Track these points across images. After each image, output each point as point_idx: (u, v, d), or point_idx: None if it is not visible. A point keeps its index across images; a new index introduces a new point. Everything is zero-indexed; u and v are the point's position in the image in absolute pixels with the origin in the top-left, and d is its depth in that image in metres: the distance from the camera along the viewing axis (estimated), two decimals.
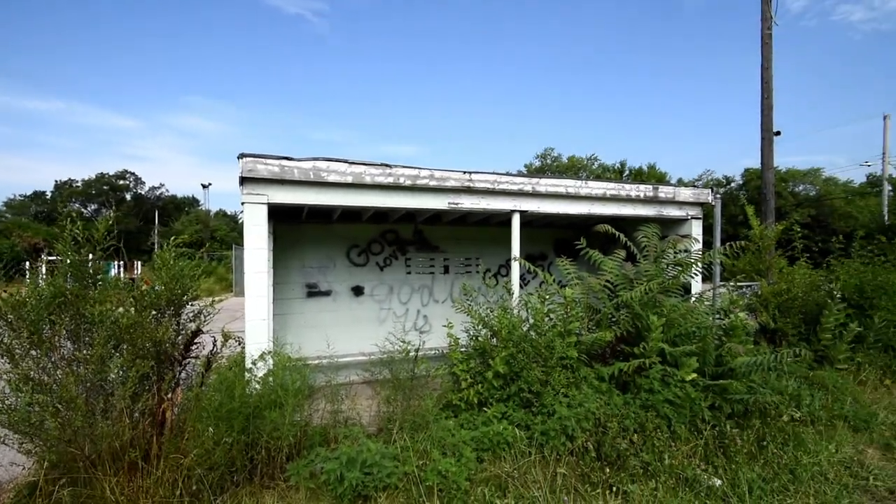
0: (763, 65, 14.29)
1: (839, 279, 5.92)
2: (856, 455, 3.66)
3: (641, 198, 5.64)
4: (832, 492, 3.07)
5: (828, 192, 33.56)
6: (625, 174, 40.14)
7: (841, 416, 4.31)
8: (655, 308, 4.36)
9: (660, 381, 3.93)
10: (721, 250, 5.07)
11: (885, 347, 5.76)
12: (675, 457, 3.39)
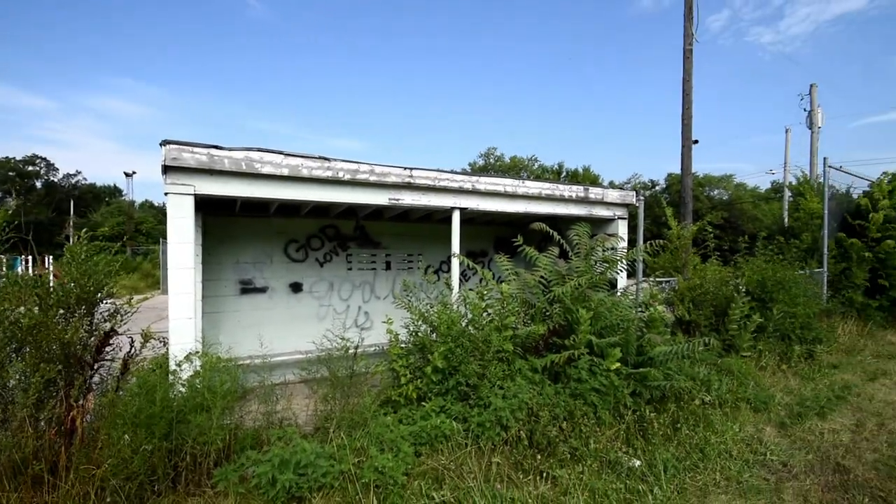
0: (684, 77, 15.30)
1: (744, 275, 6.52)
2: (756, 433, 4.04)
3: (574, 198, 5.89)
4: (735, 467, 3.37)
5: (738, 196, 36.75)
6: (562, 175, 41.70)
7: (744, 399, 4.74)
8: (584, 302, 4.58)
9: (587, 371, 4.14)
10: (643, 248, 5.41)
11: (782, 336, 6.41)
12: (600, 441, 3.59)
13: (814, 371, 5.85)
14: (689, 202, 15.07)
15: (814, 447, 3.72)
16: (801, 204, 10.49)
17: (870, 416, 4.41)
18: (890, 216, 9.19)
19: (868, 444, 3.78)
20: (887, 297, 9.06)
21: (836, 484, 3.17)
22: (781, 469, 3.40)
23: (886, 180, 9.59)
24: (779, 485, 3.15)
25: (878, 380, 5.66)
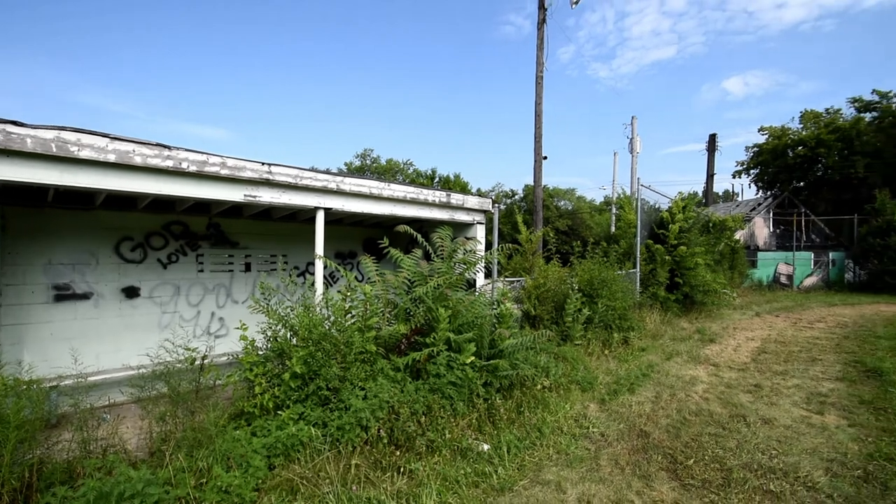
0: (536, 101, 16.93)
1: (577, 275, 7.48)
2: (582, 410, 4.65)
3: (437, 202, 6.12)
4: (565, 441, 3.84)
5: (579, 207, 41.87)
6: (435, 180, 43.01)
7: (575, 381, 5.42)
8: (444, 301, 4.79)
9: (445, 366, 4.33)
10: (498, 251, 5.86)
11: (605, 326, 7.50)
12: (455, 431, 3.79)
13: (628, 354, 6.94)
14: (540, 211, 16.75)
15: (624, 418, 4.41)
16: (621, 215, 12.39)
17: (665, 389, 5.38)
18: (683, 227, 11.35)
19: (663, 412, 4.61)
20: (681, 292, 11.15)
21: (640, 446, 3.80)
22: (600, 439, 3.96)
23: (680, 199, 11.82)
24: (597, 452, 3.67)
25: (673, 359, 6.93)
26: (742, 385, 5.55)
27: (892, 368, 5.98)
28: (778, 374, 6.04)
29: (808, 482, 3.13)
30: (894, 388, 5.19)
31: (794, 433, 4.02)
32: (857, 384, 5.51)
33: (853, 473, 3.26)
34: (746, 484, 3.12)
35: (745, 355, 7.18)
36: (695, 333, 8.93)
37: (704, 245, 12.83)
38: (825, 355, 7.09)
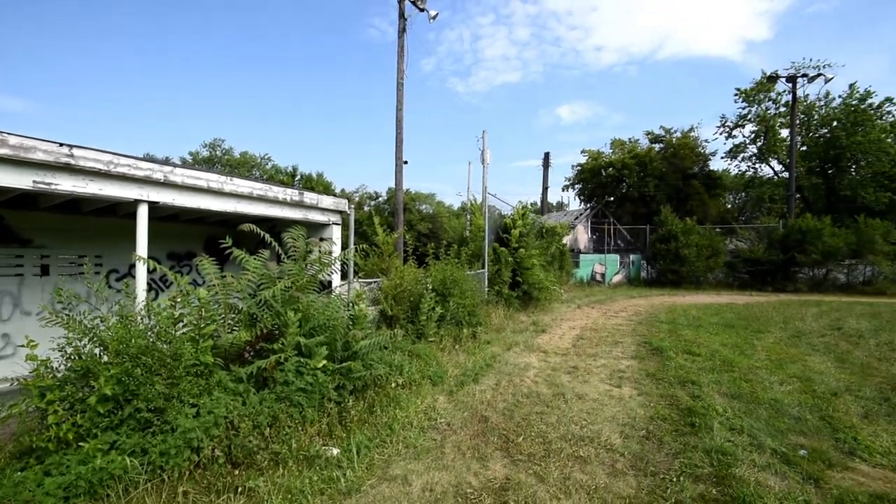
0: (397, 106, 17.13)
1: (432, 275, 7.80)
2: (432, 403, 4.83)
3: (289, 201, 5.78)
4: (414, 435, 3.94)
5: (439, 211, 43.67)
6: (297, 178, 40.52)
7: (427, 376, 5.62)
8: (294, 304, 4.54)
9: (294, 373, 4.10)
10: (353, 251, 5.77)
11: (456, 323, 7.95)
12: (302, 440, 3.61)
13: (475, 347, 7.45)
14: (401, 213, 17.00)
15: (469, 406, 4.72)
16: (472, 221, 13.30)
17: (504, 376, 5.90)
18: (523, 232, 12.64)
19: (501, 397, 5.05)
20: (521, 289, 12.38)
21: (480, 431, 4.10)
22: (447, 428, 4.17)
23: (520, 207, 13.14)
24: (443, 442, 3.85)
25: (512, 349, 7.65)
26: (564, 367, 6.39)
27: (669, 346, 7.51)
28: (590, 356, 7.10)
29: (608, 445, 3.75)
30: (670, 362, 6.52)
31: (599, 405, 4.77)
32: (645, 360, 6.77)
33: (639, 433, 3.99)
34: (562, 453, 3.59)
35: (568, 342, 8.28)
36: (531, 325, 9.97)
37: (539, 248, 14.47)
38: (625, 339, 8.57)
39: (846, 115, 26.52)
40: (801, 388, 5.31)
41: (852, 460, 3.50)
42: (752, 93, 29.46)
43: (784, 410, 4.52)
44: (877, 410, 4.63)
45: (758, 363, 6.48)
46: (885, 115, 26.31)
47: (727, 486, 2.99)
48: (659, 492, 3.00)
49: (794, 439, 3.86)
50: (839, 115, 26.98)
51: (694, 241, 21.34)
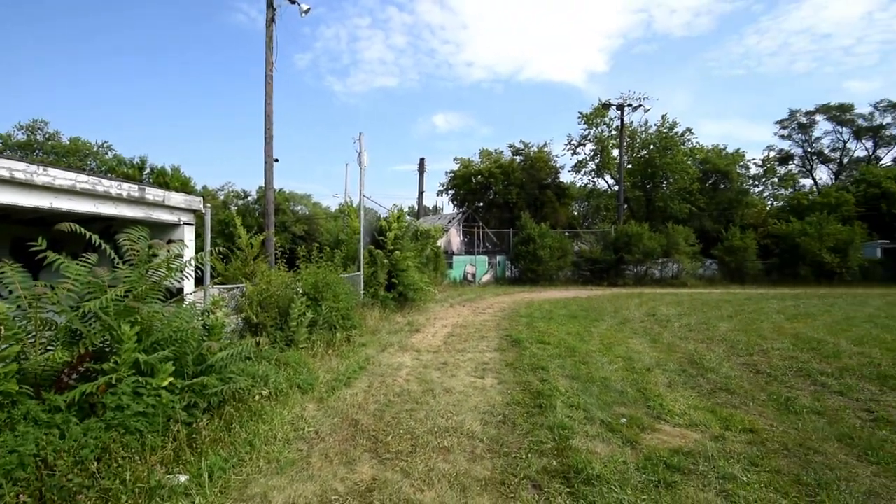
0: (266, 100, 15.99)
1: (303, 279, 7.41)
2: (301, 412, 4.59)
3: (125, 197, 4.97)
4: (278, 448, 3.69)
5: (315, 213, 41.75)
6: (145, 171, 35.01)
7: (297, 385, 5.32)
8: (132, 316, 3.92)
9: (131, 395, 3.54)
10: (210, 254, 5.20)
11: (330, 327, 7.67)
12: (141, 470, 3.12)
13: (350, 351, 7.28)
14: (272, 213, 15.83)
15: (339, 411, 4.59)
16: (348, 223, 13.00)
17: (377, 377, 5.87)
18: (398, 235, 12.75)
19: (373, 398, 5.01)
20: (397, 290, 12.47)
21: (349, 435, 4.01)
22: (315, 437, 3.99)
23: (396, 210, 13.25)
24: (309, 451, 3.68)
25: (387, 350, 7.65)
26: (434, 364, 6.60)
27: (525, 338, 8.25)
28: (459, 351, 7.46)
29: (470, 433, 3.97)
30: (525, 352, 7.16)
31: (465, 396, 5.03)
32: (506, 352, 7.34)
33: (497, 419, 4.31)
34: (428, 446, 3.70)
35: (440, 340, 8.58)
36: (406, 326, 10.10)
37: (415, 250, 14.75)
38: (490, 333, 9.19)
39: (659, 140, 32.18)
40: (624, 366, 6.28)
41: (659, 423, 4.24)
42: (591, 117, 33.98)
43: (611, 386, 5.30)
44: (677, 381, 5.68)
45: (593, 347, 7.49)
46: (686, 141, 32.58)
47: (565, 457, 3.40)
48: (511, 470, 3.27)
49: (618, 410, 4.54)
50: (654, 140, 32.61)
51: (548, 243, 23.81)
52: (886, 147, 41.09)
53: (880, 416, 4.38)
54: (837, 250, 23.27)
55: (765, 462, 3.40)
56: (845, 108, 40.67)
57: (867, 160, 40.94)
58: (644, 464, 3.32)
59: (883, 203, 28.65)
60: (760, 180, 38.45)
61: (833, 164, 43.11)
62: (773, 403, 4.78)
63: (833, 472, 3.24)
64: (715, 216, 31.00)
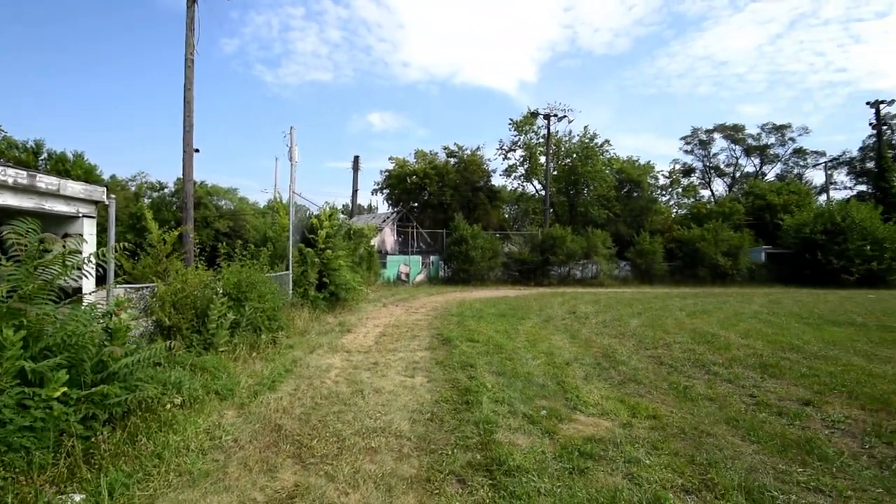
0: (186, 85, 14.84)
1: (224, 278, 6.95)
2: (218, 420, 4.30)
3: (11, 184, 4.35)
4: (191, 459, 3.43)
5: (242, 208, 39.27)
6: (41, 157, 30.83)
7: (214, 391, 4.98)
8: (17, 319, 3.44)
9: (15, 408, 3.11)
10: (116, 249, 4.71)
11: (254, 329, 7.26)
12: (27, 491, 2.75)
13: (275, 353, 6.94)
14: (191, 208, 14.69)
15: (261, 417, 4.36)
16: (276, 220, 12.40)
17: (304, 380, 5.66)
18: (330, 233, 12.39)
19: (299, 402, 4.82)
20: (328, 290, 12.10)
21: (272, 441, 3.82)
22: (233, 445, 3.76)
23: (327, 208, 12.86)
24: (227, 461, 3.46)
25: (316, 351, 7.40)
26: (365, 365, 6.50)
27: (456, 336, 8.38)
28: (391, 351, 7.41)
29: (398, 432, 3.96)
30: (456, 350, 7.28)
31: (394, 396, 5.01)
32: (436, 350, 7.41)
33: (425, 417, 4.34)
34: (355, 448, 3.64)
35: (371, 340, 8.46)
36: (337, 326, 9.84)
37: (347, 249, 14.42)
38: (422, 332, 9.22)
39: (581, 150, 34.20)
40: (546, 361, 6.61)
41: (575, 413, 4.51)
42: (521, 124, 35.32)
43: (534, 380, 5.55)
44: (593, 373, 6.07)
45: (519, 344, 7.79)
46: (605, 152, 34.91)
47: (489, 451, 3.50)
48: (437, 466, 3.31)
49: (539, 402, 4.76)
50: (577, 149, 34.60)
51: (480, 244, 24.39)
52: (770, 164, 47.12)
53: (761, 400, 4.99)
54: (730, 254, 26.20)
55: (665, 445, 3.74)
56: (738, 129, 46.01)
57: (755, 175, 46.61)
58: (560, 452, 3.51)
59: (767, 213, 32.71)
60: (667, 190, 42.16)
61: (727, 177, 48.55)
62: (674, 392, 5.27)
63: (721, 452, 3.64)
64: (628, 222, 33.53)
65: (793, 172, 46.18)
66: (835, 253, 24.97)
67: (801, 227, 27.03)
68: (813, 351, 7.45)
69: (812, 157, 45.74)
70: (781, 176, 45.59)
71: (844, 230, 25.26)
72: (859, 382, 5.55)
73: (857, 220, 25.47)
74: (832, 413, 4.56)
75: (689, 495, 2.98)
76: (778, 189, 35.62)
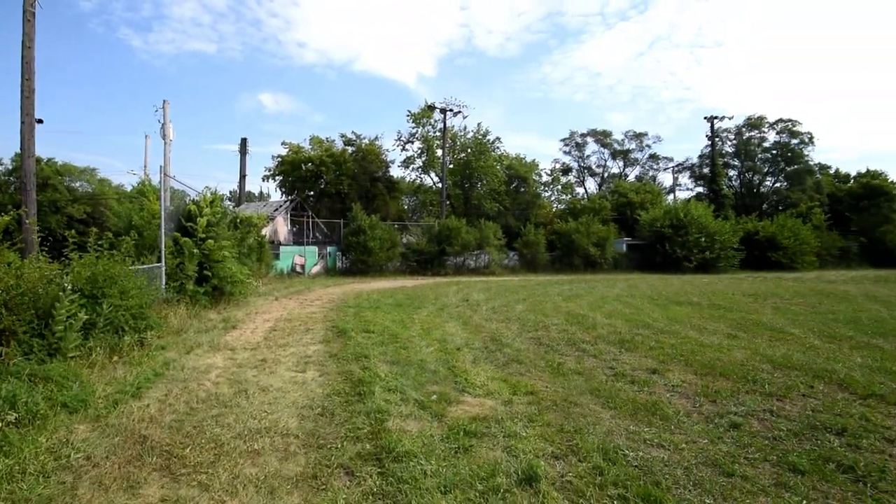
0: (25, 42, 12.34)
1: (74, 271, 5.89)
2: (66, 436, 3.66)
3: None
4: (29, 485, 2.88)
5: (103, 192, 33.61)
6: None
7: (62, 404, 4.22)
8: None
9: None
10: None
11: (115, 330, 6.29)
12: None
13: (143, 356, 6.11)
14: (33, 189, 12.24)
15: (123, 428, 3.82)
16: (145, 205, 10.86)
17: (178, 384, 5.08)
18: (211, 221, 11.21)
19: (170, 409, 4.31)
20: (211, 284, 10.98)
21: (135, 455, 3.37)
22: (85, 463, 3.24)
23: (208, 193, 11.62)
24: (76, 481, 2.97)
25: (194, 351, 6.67)
26: (251, 362, 6.04)
27: (352, 328, 8.20)
28: (281, 346, 6.99)
29: (284, 431, 3.76)
30: (350, 341, 7.13)
31: (282, 393, 4.74)
32: (331, 343, 7.18)
33: (315, 412, 4.18)
34: (235, 452, 3.37)
35: (260, 335, 7.89)
36: (220, 323, 9.00)
37: (233, 239, 13.21)
38: (316, 325, 8.86)
39: (475, 146, 35.53)
40: (439, 347, 6.81)
41: (463, 395, 4.72)
42: (418, 116, 35.50)
43: (426, 367, 5.68)
44: (481, 357, 6.40)
45: (414, 333, 7.91)
46: (496, 148, 36.70)
47: (379, 440, 3.50)
48: (325, 461, 3.21)
49: (430, 388, 4.89)
50: (471, 145, 35.86)
51: (378, 234, 24.10)
52: (631, 167, 54.01)
53: (618, 371, 5.71)
54: (599, 245, 29.47)
55: (539, 417, 4.09)
56: (606, 134, 51.96)
57: (619, 176, 52.97)
58: (448, 434, 3.65)
59: (628, 209, 37.33)
60: (549, 186, 45.85)
61: (598, 177, 54.54)
62: (549, 369, 5.79)
63: (585, 419, 4.09)
64: (516, 215, 35.82)
65: (648, 175, 53.50)
66: (678, 244, 29.52)
67: (653, 221, 31.42)
68: (660, 327, 8.75)
69: (663, 162, 53.54)
70: (640, 177, 52.60)
71: (686, 225, 29.97)
72: (693, 352, 6.65)
73: (695, 216, 30.39)
74: (672, 379, 5.40)
75: (557, 461, 3.31)
76: (637, 189, 41.02)
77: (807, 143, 47.33)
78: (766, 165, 49.78)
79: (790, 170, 47.72)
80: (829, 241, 34.92)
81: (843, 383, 5.11)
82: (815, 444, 3.58)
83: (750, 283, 19.79)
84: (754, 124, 49.01)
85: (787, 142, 47.96)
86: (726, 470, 3.15)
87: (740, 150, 49.35)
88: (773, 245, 31.98)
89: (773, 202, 48.13)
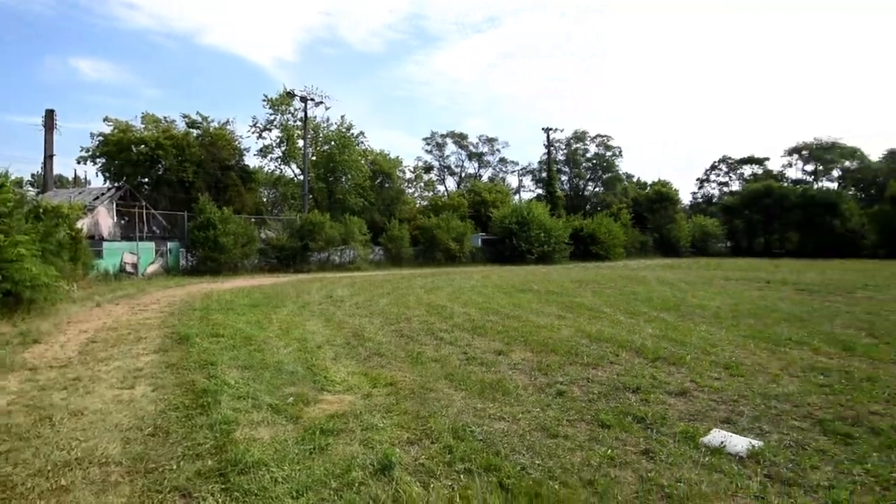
0: None
1: None
2: None
3: None
4: None
5: None
6: None
7: None
8: None
9: None
10: None
11: None
12: None
13: None
14: None
15: None
16: None
17: None
18: (2, 211, 8.74)
19: None
20: (2, 288, 8.57)
21: None
22: None
23: None
24: None
25: None
26: (60, 383, 4.92)
27: (196, 333, 7.25)
28: (102, 360, 5.83)
29: (103, 459, 3.15)
30: (194, 348, 6.30)
31: (101, 416, 3.97)
32: (169, 352, 6.24)
33: (145, 433, 3.60)
34: (33, 493, 2.72)
35: (73, 349, 6.46)
36: (16, 337, 7.12)
37: (35, 233, 10.51)
38: (151, 332, 7.60)
39: (339, 139, 34.41)
40: (299, 347, 6.47)
41: (322, 394, 4.57)
42: (277, 103, 32.90)
43: (284, 368, 5.35)
44: (342, 353, 6.28)
45: (272, 334, 7.37)
46: (360, 143, 36.11)
47: (224, 453, 3.17)
48: (155, 487, 2.77)
49: (287, 390, 4.62)
50: (335, 137, 34.64)
51: (232, 229, 21.66)
52: (485, 168, 58.77)
53: (470, 355, 6.16)
54: (458, 240, 31.32)
55: (397, 407, 4.21)
56: (463, 137, 55.77)
57: (475, 176, 57.07)
58: (303, 436, 3.51)
59: (482, 207, 40.41)
60: (413, 183, 47.04)
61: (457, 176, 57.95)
62: (409, 359, 5.98)
63: (439, 403, 4.33)
64: (381, 210, 35.89)
65: (499, 176, 58.86)
66: (523, 239, 33.09)
67: (503, 219, 34.66)
68: (506, 312, 9.71)
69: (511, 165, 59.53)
70: (492, 178, 57.56)
71: (528, 222, 33.74)
72: (531, 333, 7.54)
73: (536, 214, 34.42)
74: (514, 358, 6.05)
75: (412, 446, 3.45)
76: (489, 189, 44.79)
77: (617, 155, 58.05)
78: (589, 172, 59.52)
79: (606, 177, 57.99)
80: (633, 236, 43.13)
81: (639, 350, 6.36)
82: (618, 402, 4.40)
83: (577, 272, 23.28)
84: (579, 137, 58.21)
85: (604, 153, 58.03)
86: (552, 432, 3.68)
87: (570, 159, 57.81)
88: (594, 240, 38.13)
89: (594, 203, 57.49)
